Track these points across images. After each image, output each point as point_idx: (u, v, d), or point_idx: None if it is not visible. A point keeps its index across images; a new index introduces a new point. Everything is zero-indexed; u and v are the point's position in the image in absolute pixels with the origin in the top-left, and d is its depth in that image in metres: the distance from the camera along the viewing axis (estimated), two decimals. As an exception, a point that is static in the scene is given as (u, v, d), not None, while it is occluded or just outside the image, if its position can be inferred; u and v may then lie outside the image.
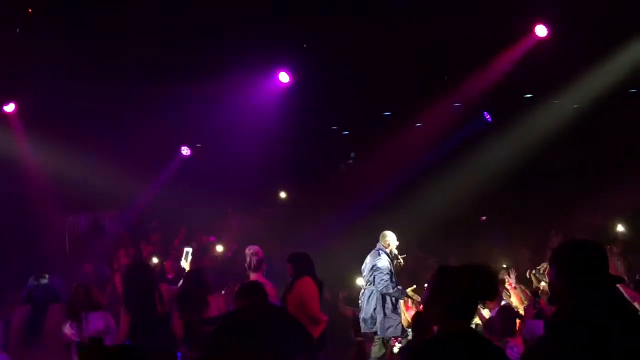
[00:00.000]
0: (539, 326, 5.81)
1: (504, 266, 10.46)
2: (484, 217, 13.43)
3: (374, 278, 8.44)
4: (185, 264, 6.97)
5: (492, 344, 3.22)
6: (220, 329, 4.70)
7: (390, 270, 8.46)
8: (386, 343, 8.38)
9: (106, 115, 10.10)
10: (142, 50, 9.31)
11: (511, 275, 9.33)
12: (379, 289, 8.36)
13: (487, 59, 10.09)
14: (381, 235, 8.79)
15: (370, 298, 8.49)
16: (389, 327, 8.31)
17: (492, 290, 3.23)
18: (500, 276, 10.11)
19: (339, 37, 9.51)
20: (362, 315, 8.62)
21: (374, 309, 8.40)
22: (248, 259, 7.19)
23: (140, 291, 6.35)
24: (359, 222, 12.78)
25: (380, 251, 8.62)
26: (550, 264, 3.21)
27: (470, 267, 3.21)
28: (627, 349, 2.89)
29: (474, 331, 3.29)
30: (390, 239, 8.74)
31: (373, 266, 8.47)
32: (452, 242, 12.25)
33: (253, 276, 6.83)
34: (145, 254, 10.40)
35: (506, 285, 9.16)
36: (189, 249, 6.94)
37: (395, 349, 7.78)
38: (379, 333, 8.39)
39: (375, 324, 8.39)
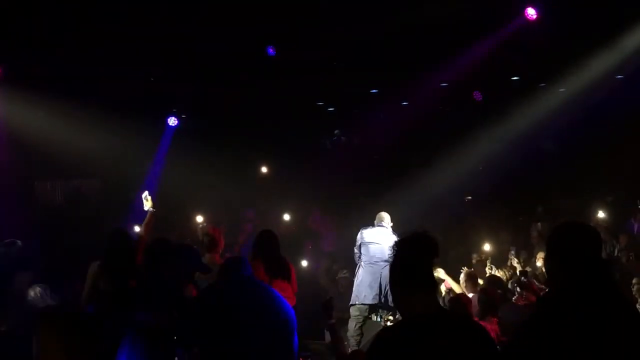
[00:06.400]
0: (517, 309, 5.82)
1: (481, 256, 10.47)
2: (469, 197, 13.44)
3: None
4: (148, 205, 6.39)
5: (465, 324, 3.02)
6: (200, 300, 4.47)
7: None
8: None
9: (90, 80, 9.94)
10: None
11: (487, 264, 9.35)
12: None
13: (476, 40, 10.01)
14: (385, 216, 8.68)
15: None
16: None
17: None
18: (479, 258, 10.15)
19: (327, 14, 9.38)
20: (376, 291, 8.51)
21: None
22: (200, 238, 6.83)
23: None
24: (342, 199, 12.77)
25: (392, 231, 8.55)
26: (546, 246, 3.14)
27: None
28: (618, 333, 2.82)
29: (441, 311, 3.02)
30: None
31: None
32: (434, 222, 12.24)
33: (208, 257, 6.27)
34: None
35: (486, 269, 9.19)
36: (145, 192, 6.59)
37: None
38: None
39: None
